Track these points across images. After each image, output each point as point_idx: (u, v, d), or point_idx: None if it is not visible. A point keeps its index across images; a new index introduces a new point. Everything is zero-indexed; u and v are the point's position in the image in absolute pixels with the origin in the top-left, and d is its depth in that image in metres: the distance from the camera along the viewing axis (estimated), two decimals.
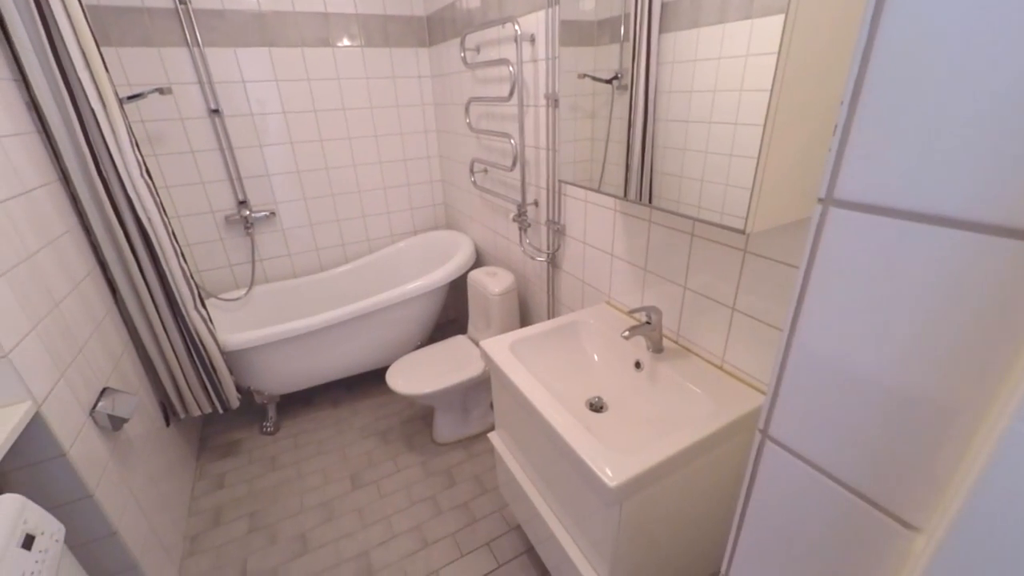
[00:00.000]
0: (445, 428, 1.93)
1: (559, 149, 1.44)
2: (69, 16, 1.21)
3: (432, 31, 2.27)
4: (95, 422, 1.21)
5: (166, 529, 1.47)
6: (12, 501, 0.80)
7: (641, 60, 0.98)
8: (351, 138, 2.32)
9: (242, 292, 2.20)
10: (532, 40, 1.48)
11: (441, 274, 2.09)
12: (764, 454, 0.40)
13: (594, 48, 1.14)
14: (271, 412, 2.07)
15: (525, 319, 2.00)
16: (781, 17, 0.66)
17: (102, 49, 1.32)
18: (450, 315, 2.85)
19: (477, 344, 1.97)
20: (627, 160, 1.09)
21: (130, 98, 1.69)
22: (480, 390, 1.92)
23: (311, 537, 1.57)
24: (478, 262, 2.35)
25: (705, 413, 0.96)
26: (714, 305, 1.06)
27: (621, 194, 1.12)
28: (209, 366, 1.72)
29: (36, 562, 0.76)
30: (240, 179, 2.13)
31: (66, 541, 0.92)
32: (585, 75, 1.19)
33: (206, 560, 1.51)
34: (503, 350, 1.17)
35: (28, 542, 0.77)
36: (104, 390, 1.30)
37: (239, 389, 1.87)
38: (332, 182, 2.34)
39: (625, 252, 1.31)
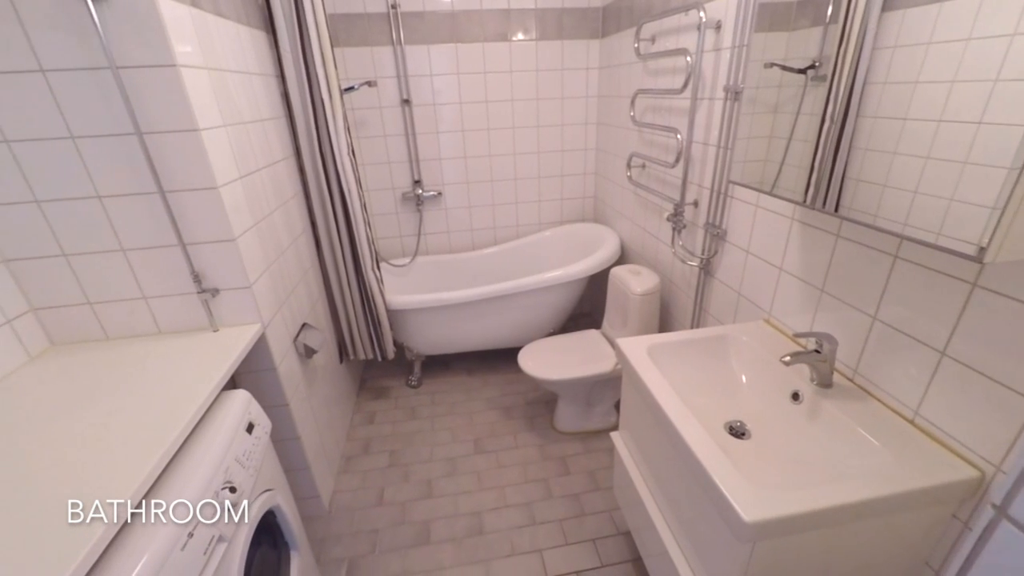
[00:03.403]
0: (566, 417, 1.96)
1: (733, 146, 1.32)
2: (316, 25, 1.50)
3: (606, 22, 2.25)
4: (295, 349, 1.52)
5: (330, 446, 1.78)
6: (244, 395, 1.06)
7: (850, 45, 0.84)
8: (515, 128, 2.44)
9: (407, 260, 2.52)
10: (717, 27, 1.37)
11: (583, 266, 2.10)
12: (997, 535, 0.32)
13: (788, 33, 1.02)
14: (416, 368, 2.34)
15: (665, 324, 1.90)
16: None
17: (333, 50, 1.61)
18: (585, 308, 2.85)
19: (610, 341, 1.95)
20: (813, 162, 0.95)
21: (346, 90, 2.04)
22: (606, 388, 1.90)
23: (435, 485, 1.75)
24: (622, 259, 2.30)
25: (881, 470, 0.81)
26: (913, 344, 0.87)
27: (801, 199, 0.99)
28: (376, 319, 2.01)
29: (253, 444, 1.00)
30: (418, 161, 2.42)
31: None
32: (773, 64, 1.07)
33: (354, 479, 1.80)
34: (640, 352, 1.13)
35: (250, 428, 1.01)
36: (303, 325, 1.62)
37: (395, 344, 2.16)
38: (493, 169, 2.51)
39: (798, 267, 1.15)
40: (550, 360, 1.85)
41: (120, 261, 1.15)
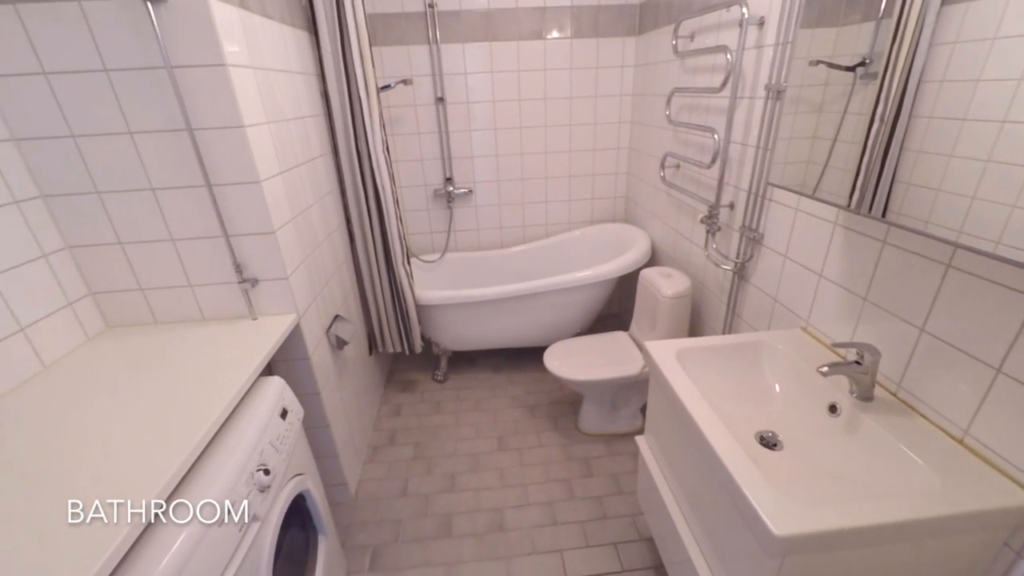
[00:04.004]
0: (590, 419, 1.94)
1: (773, 147, 1.28)
2: (356, 25, 1.54)
3: (644, 18, 2.21)
4: (328, 339, 1.57)
5: (358, 435, 1.83)
6: (278, 381, 1.10)
7: (905, 40, 0.80)
8: (547, 126, 2.44)
9: (436, 256, 2.55)
10: (760, 23, 1.32)
11: (612, 267, 2.08)
12: None
13: (836, 29, 0.98)
14: (443, 364, 2.37)
15: (695, 328, 1.86)
16: None
17: (372, 49, 1.65)
18: (613, 309, 2.82)
19: (638, 344, 1.92)
20: (860, 164, 0.91)
21: (383, 88, 2.08)
22: (632, 391, 1.87)
23: (458, 479, 1.78)
24: (652, 260, 2.26)
25: (925, 490, 0.77)
26: (965, 360, 0.82)
27: (845, 203, 0.95)
28: (405, 313, 2.05)
29: (286, 430, 1.04)
30: (450, 159, 2.44)
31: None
32: (819, 62, 1.03)
33: (380, 469, 1.84)
34: (669, 356, 1.11)
35: (284, 414, 1.05)
36: (336, 316, 1.67)
37: (422, 338, 2.19)
38: (524, 167, 2.51)
39: (840, 274, 1.11)
40: (576, 360, 1.84)
41: (169, 250, 1.21)
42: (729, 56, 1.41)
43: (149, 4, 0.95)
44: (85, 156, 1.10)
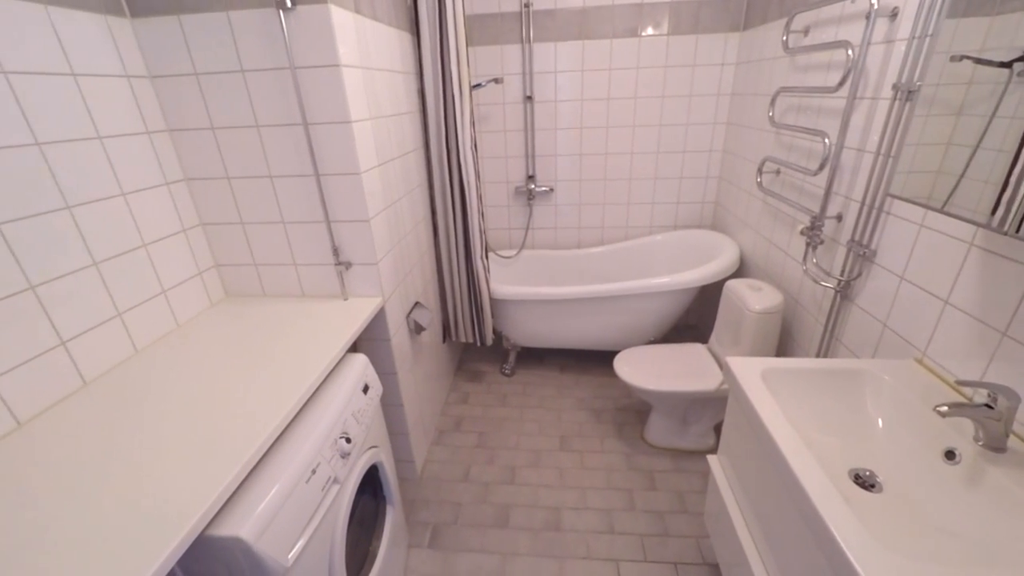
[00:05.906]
0: (658, 431, 1.87)
1: (898, 154, 1.14)
2: (455, 26, 1.60)
3: (750, 13, 2.06)
4: (407, 324, 1.66)
5: (427, 417, 1.92)
6: (363, 359, 1.19)
7: None
8: (635, 126, 2.37)
9: (513, 252, 2.59)
10: (892, 15, 1.18)
11: (695, 275, 1.98)
12: None
13: (989, 19, 0.85)
14: (512, 358, 2.41)
15: (783, 348, 1.71)
16: None
17: (468, 49, 1.71)
18: (692, 320, 2.68)
19: (717, 359, 1.81)
20: (1008, 176, 0.78)
21: (475, 86, 2.15)
22: (707, 407, 1.77)
23: (518, 473, 1.80)
24: (740, 271, 2.12)
25: None
26: None
27: (986, 221, 0.82)
28: (479, 306, 2.11)
29: (367, 404, 1.12)
30: (533, 157, 2.46)
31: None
32: (964, 57, 0.89)
33: (445, 452, 1.92)
34: (753, 375, 1.04)
35: (365, 389, 1.14)
36: (416, 303, 1.76)
37: (494, 331, 2.24)
38: (608, 167, 2.46)
39: (972, 302, 0.96)
40: (648, 369, 1.78)
41: (280, 231, 1.35)
42: (850, 52, 1.27)
43: (281, 12, 1.07)
44: (220, 145, 1.26)
